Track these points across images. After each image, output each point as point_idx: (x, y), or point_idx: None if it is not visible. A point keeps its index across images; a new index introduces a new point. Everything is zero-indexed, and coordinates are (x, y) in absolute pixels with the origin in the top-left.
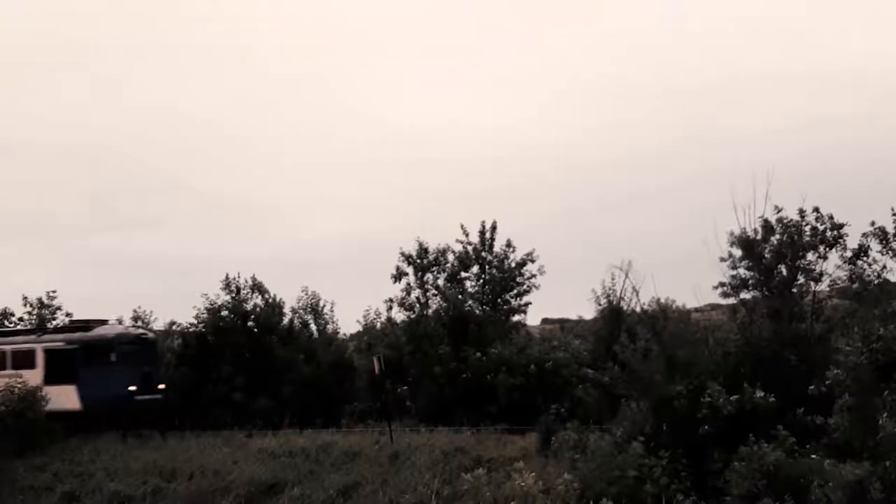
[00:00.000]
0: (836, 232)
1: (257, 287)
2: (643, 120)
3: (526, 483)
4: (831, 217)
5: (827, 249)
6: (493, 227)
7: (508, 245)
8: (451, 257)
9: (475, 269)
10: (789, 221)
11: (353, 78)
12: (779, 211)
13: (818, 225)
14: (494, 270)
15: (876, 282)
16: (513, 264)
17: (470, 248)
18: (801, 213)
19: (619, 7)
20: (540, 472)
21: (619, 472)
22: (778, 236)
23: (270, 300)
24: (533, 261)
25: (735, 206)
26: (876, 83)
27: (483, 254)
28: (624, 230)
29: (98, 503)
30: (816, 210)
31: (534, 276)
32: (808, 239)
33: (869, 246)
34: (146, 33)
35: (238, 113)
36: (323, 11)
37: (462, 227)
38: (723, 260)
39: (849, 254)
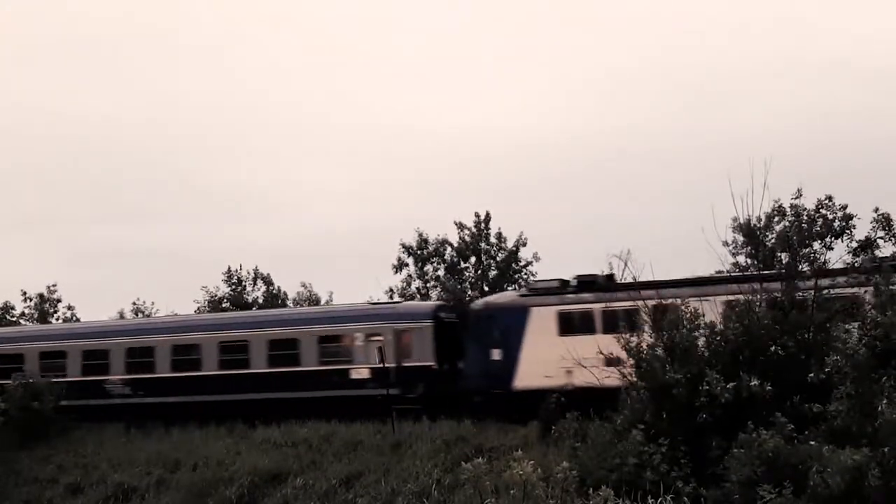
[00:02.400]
0: (844, 223)
1: (264, 279)
2: (642, 110)
3: (525, 472)
4: (844, 208)
5: (833, 239)
6: (488, 218)
7: (500, 237)
8: (451, 245)
9: (473, 259)
10: (803, 209)
11: (355, 73)
12: (797, 196)
13: (828, 214)
14: (493, 261)
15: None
16: (506, 252)
17: (467, 237)
18: (820, 202)
19: (619, 5)
20: (540, 460)
21: (619, 459)
22: (787, 222)
23: (275, 291)
24: (525, 244)
25: (732, 195)
26: (878, 75)
27: (480, 244)
28: (622, 219)
29: (102, 494)
30: (829, 199)
31: (529, 263)
32: (818, 229)
33: (877, 238)
34: (149, 25)
35: (239, 105)
36: (324, 5)
37: (460, 222)
38: (725, 244)
39: (854, 244)
